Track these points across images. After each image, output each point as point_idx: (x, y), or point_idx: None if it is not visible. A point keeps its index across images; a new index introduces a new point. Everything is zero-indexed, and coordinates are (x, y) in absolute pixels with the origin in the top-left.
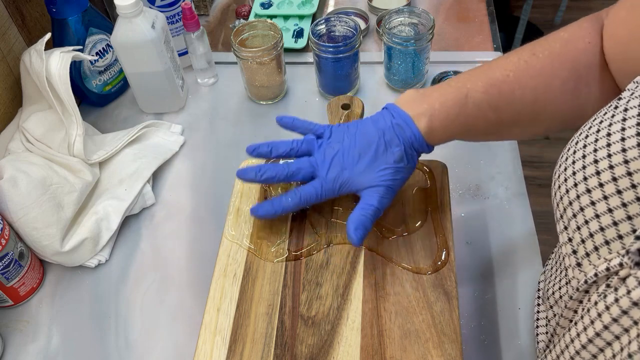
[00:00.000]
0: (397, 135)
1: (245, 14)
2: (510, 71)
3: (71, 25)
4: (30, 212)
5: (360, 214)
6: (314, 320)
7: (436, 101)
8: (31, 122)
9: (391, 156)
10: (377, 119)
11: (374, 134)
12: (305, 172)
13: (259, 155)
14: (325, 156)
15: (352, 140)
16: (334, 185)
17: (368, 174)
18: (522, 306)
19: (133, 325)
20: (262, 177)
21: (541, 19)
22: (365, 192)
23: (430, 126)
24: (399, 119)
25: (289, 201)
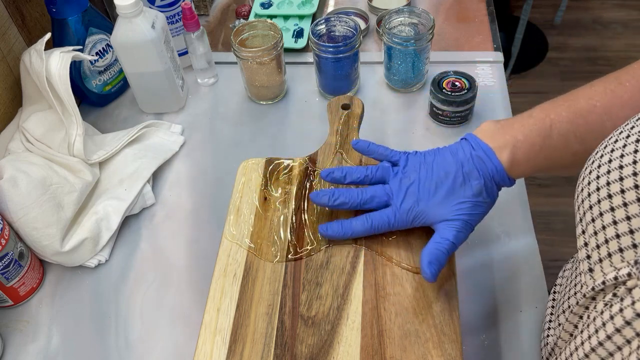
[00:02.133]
0: (477, 167)
1: (245, 14)
2: (597, 101)
3: (71, 25)
4: (30, 212)
5: (435, 247)
6: (314, 320)
7: (519, 132)
8: (31, 122)
9: (469, 189)
10: (456, 149)
11: (452, 165)
12: (379, 200)
13: (333, 180)
14: (401, 185)
15: (429, 170)
16: (407, 216)
17: (444, 206)
18: (522, 306)
19: (133, 325)
20: (335, 202)
21: (541, 19)
22: (441, 226)
23: (513, 159)
24: (479, 150)
25: (359, 226)
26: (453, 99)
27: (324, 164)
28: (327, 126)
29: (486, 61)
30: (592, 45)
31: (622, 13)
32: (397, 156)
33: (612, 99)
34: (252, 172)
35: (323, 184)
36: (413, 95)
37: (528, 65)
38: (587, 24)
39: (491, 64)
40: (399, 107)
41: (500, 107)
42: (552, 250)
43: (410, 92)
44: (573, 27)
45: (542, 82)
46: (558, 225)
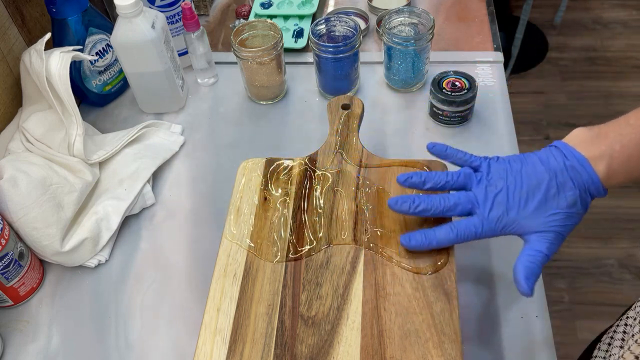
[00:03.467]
0: (572, 178)
1: (245, 14)
2: None
3: (71, 25)
4: (30, 212)
5: (530, 261)
6: (314, 320)
7: (616, 142)
8: (31, 122)
9: (564, 200)
10: (546, 157)
11: (543, 174)
12: (463, 208)
13: (411, 185)
14: (487, 193)
15: (518, 178)
16: (496, 225)
17: (536, 217)
18: (522, 306)
19: (133, 325)
20: (417, 209)
21: (541, 19)
22: (533, 237)
23: (609, 170)
24: (574, 160)
25: (443, 235)
26: (453, 99)
27: (324, 164)
28: (327, 126)
29: (486, 61)
30: (592, 45)
31: (622, 13)
32: (477, 161)
33: None
34: (252, 172)
35: (344, 185)
36: (413, 95)
37: (528, 65)
38: (587, 24)
39: (491, 64)
40: (399, 107)
41: (500, 107)
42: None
43: (410, 92)
44: (573, 27)
45: (542, 82)
46: None
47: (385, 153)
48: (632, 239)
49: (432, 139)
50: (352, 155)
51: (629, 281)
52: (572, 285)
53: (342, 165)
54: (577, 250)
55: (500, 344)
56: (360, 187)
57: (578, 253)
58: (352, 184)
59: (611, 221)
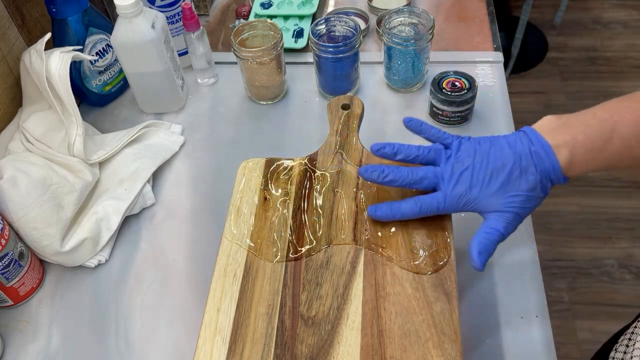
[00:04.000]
0: (535, 163)
1: (245, 14)
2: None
3: (71, 25)
4: (30, 212)
5: (485, 237)
6: (314, 320)
7: (580, 133)
8: (31, 122)
9: (525, 183)
10: (514, 141)
11: (509, 156)
12: (429, 182)
13: (383, 155)
14: (454, 170)
15: (484, 158)
16: (458, 201)
17: (497, 197)
18: (523, 306)
19: (133, 325)
20: (385, 179)
21: (541, 19)
22: (491, 216)
23: (571, 159)
24: (539, 146)
25: (408, 208)
26: (453, 99)
27: (324, 164)
28: (327, 126)
29: (486, 61)
30: (592, 45)
31: (622, 13)
32: (449, 139)
33: None
34: (252, 172)
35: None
36: (413, 95)
37: (528, 65)
38: (587, 24)
39: (491, 64)
40: (399, 107)
41: (500, 107)
42: (552, 250)
43: (410, 92)
44: (573, 27)
45: (542, 82)
46: (557, 225)
47: None
48: (632, 239)
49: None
50: (352, 155)
51: (629, 281)
52: (572, 285)
53: (342, 165)
54: (577, 250)
55: (500, 344)
56: (360, 187)
57: (578, 253)
58: (352, 184)
59: (611, 221)
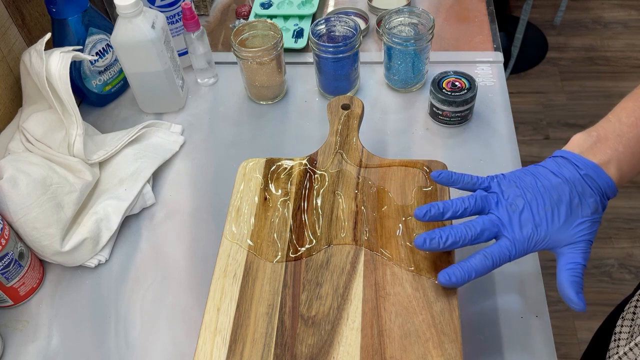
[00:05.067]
0: (590, 185)
1: (245, 14)
2: None
3: (71, 25)
4: (30, 212)
5: (573, 274)
6: (314, 320)
7: (618, 144)
8: (31, 122)
9: (587, 208)
10: (557, 169)
11: (562, 186)
12: (490, 233)
13: (431, 219)
14: (511, 214)
15: (537, 194)
16: (528, 244)
17: (565, 229)
18: (523, 306)
19: (133, 325)
20: (447, 243)
21: (541, 19)
22: (566, 250)
23: (620, 171)
24: (587, 169)
25: (479, 265)
26: (453, 99)
27: (324, 164)
28: (327, 126)
29: (486, 61)
30: (592, 45)
31: (622, 13)
32: (485, 182)
33: None
34: (252, 172)
35: (344, 185)
36: (413, 95)
37: (528, 65)
38: (587, 24)
39: (491, 64)
40: (399, 107)
41: (500, 107)
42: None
43: (410, 92)
44: (573, 27)
45: (542, 82)
46: None
47: (385, 153)
48: (632, 239)
49: (432, 139)
50: (352, 155)
51: (629, 281)
52: None
53: (342, 165)
54: None
55: (500, 344)
56: (360, 188)
57: None
58: (352, 184)
59: (611, 221)
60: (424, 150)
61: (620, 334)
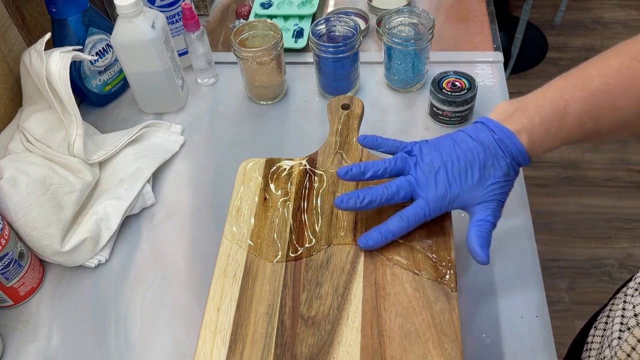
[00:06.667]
0: (502, 150)
1: (245, 14)
2: (611, 79)
3: (71, 25)
4: (30, 212)
5: (480, 230)
6: (314, 320)
7: (535, 115)
8: (31, 122)
9: (499, 170)
10: (475, 133)
11: (477, 148)
12: (406, 192)
13: (352, 177)
14: (427, 174)
15: (452, 155)
16: (442, 202)
17: (478, 189)
18: (523, 306)
19: (133, 325)
20: (364, 202)
21: (541, 19)
22: (478, 208)
23: (531, 141)
24: (501, 134)
25: (396, 226)
26: (453, 99)
27: (324, 164)
28: (327, 126)
29: (486, 61)
30: (592, 45)
31: (622, 13)
32: (409, 146)
33: (628, 77)
34: (252, 172)
35: (343, 184)
36: (413, 95)
37: (528, 65)
38: (587, 24)
39: (491, 64)
40: (399, 107)
41: None
42: (552, 250)
43: (410, 92)
44: (573, 27)
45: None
46: (558, 225)
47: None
48: (632, 239)
49: None
50: (352, 155)
51: None
52: (572, 285)
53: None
54: (577, 250)
55: (500, 344)
56: (360, 187)
57: (578, 253)
58: (351, 184)
59: (611, 221)
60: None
61: (592, 344)
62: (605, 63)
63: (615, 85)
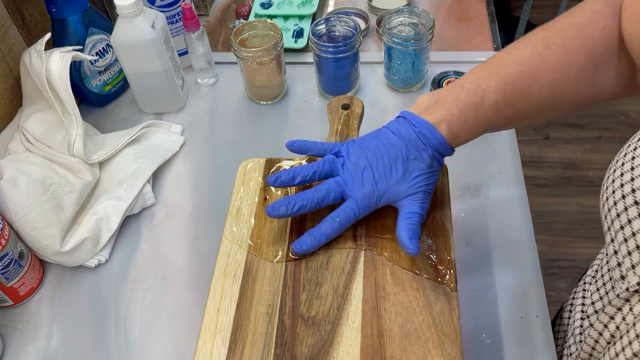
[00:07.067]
0: (423, 142)
1: (245, 14)
2: (524, 67)
3: (71, 25)
4: (31, 212)
5: (409, 223)
6: (314, 320)
7: (453, 107)
8: (31, 122)
9: (422, 163)
10: (397, 129)
11: (399, 143)
12: (336, 194)
13: (282, 184)
14: (353, 174)
15: (377, 153)
16: (370, 200)
17: (403, 183)
18: (523, 306)
19: (133, 325)
20: (294, 209)
21: (541, 19)
22: (405, 202)
23: (451, 132)
24: (421, 127)
25: (329, 229)
26: None
27: None
28: (327, 126)
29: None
30: None
31: None
32: (336, 147)
33: (540, 64)
34: (252, 172)
35: None
36: (413, 95)
37: None
38: None
39: None
40: (399, 107)
41: None
42: (552, 250)
43: (411, 92)
44: None
45: None
46: (558, 225)
47: None
48: None
49: None
50: None
51: None
52: (572, 285)
53: None
54: (577, 250)
55: (501, 344)
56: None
57: (578, 253)
58: None
59: None
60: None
61: (559, 333)
62: (521, 52)
63: (528, 73)
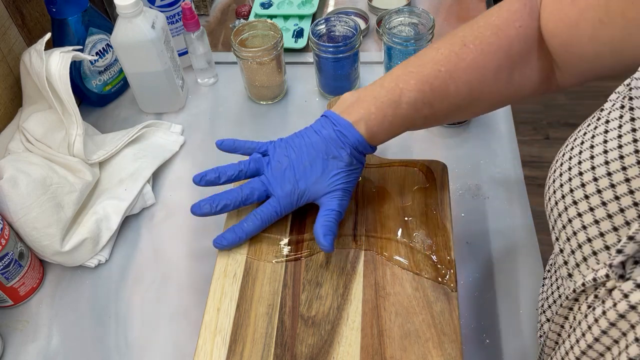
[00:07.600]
0: (342, 141)
1: (245, 14)
2: (442, 66)
3: (71, 25)
4: (31, 212)
5: (325, 219)
6: (314, 320)
7: (371, 105)
8: (31, 122)
9: (341, 161)
10: (319, 128)
11: (320, 143)
12: (260, 192)
13: (208, 183)
14: (275, 173)
15: (299, 152)
16: (291, 198)
17: (322, 181)
18: (523, 306)
19: (133, 325)
20: (218, 207)
21: None
22: (324, 199)
23: (369, 130)
24: (340, 126)
25: (250, 226)
26: None
27: None
28: None
29: None
30: None
31: None
32: (264, 146)
33: (457, 63)
34: None
35: None
36: None
37: None
38: None
39: None
40: None
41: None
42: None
43: None
44: None
45: None
46: None
47: (385, 153)
48: None
49: (432, 139)
50: None
51: None
52: None
53: None
54: None
55: (500, 344)
56: (360, 188)
57: None
58: None
59: None
60: (424, 150)
61: None
62: (440, 52)
63: (446, 72)
